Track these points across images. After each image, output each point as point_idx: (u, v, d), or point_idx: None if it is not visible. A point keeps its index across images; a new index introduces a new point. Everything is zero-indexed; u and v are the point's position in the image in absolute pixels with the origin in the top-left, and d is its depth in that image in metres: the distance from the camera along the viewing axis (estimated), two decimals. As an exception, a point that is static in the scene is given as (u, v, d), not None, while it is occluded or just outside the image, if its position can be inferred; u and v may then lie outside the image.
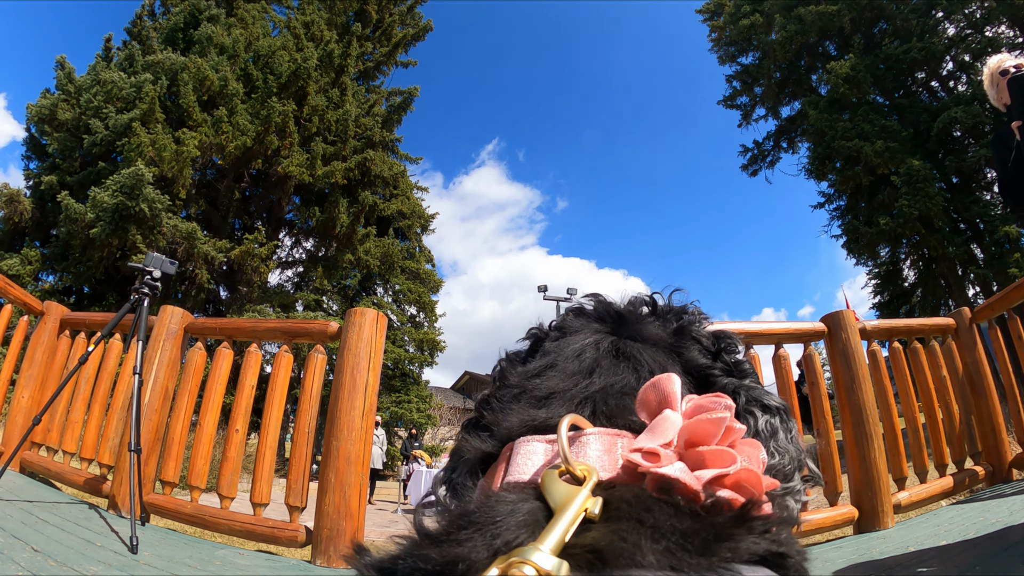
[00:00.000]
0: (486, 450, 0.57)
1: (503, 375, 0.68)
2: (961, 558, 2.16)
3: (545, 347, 0.69)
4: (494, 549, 0.38)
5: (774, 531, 0.39)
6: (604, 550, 0.36)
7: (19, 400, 4.33)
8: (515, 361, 0.71)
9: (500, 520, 0.40)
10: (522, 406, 0.58)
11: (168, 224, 15.70)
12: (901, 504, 3.39)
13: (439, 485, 0.61)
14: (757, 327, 3.71)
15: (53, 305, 4.68)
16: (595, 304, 0.74)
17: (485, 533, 0.39)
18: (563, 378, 0.60)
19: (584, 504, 0.39)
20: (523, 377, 0.64)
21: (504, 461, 0.50)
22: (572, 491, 0.41)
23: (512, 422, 0.56)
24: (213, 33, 18.69)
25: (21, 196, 16.70)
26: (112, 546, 2.68)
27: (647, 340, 0.65)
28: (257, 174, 19.51)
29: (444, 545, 0.40)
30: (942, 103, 17.44)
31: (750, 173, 23.99)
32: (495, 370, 0.72)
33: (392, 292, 23.14)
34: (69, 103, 16.96)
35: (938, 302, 17.66)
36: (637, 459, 0.44)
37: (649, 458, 0.43)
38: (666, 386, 0.48)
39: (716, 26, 24.07)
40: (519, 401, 0.60)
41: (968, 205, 16.36)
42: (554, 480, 0.43)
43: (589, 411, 0.55)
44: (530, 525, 0.40)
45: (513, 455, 0.49)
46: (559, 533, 0.36)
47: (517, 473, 0.47)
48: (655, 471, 0.42)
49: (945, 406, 3.94)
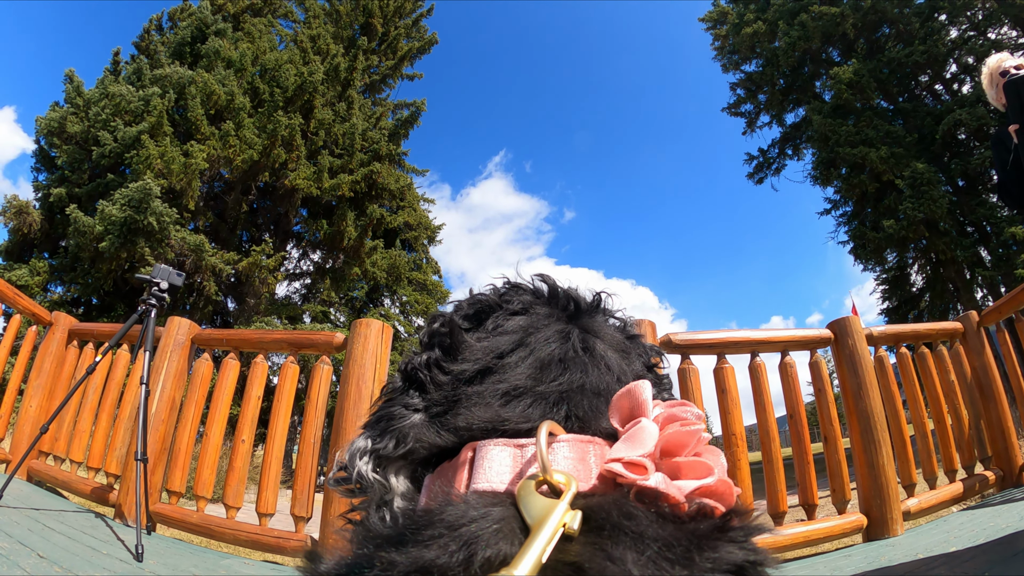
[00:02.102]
0: (441, 445, 0.52)
1: (455, 342, 0.60)
2: (971, 564, 2.14)
3: (502, 324, 0.61)
4: (468, 555, 0.36)
5: (751, 540, 0.40)
6: (587, 567, 0.35)
7: (27, 409, 4.35)
8: (464, 329, 0.62)
9: (472, 525, 0.38)
10: (487, 400, 0.53)
11: (176, 236, 15.80)
12: (911, 511, 3.36)
13: (361, 457, 0.54)
14: (763, 335, 3.70)
15: (61, 316, 4.72)
16: (551, 287, 0.67)
17: (456, 538, 0.37)
18: (533, 372, 0.56)
19: (562, 519, 0.37)
20: (485, 354, 0.58)
21: (466, 465, 0.48)
22: (550, 505, 0.39)
23: (475, 419, 0.52)
24: (220, 47, 18.87)
25: (30, 208, 16.85)
26: (117, 554, 2.69)
27: (607, 339, 0.62)
28: (264, 187, 19.61)
29: (410, 548, 0.37)
30: (946, 106, 17.39)
31: (756, 181, 23.95)
32: (436, 329, 0.61)
33: (399, 303, 23.18)
34: (78, 116, 17.13)
35: (946, 306, 17.54)
36: (620, 470, 0.43)
37: (633, 469, 0.43)
38: (640, 394, 0.48)
39: (719, 34, 24.10)
40: (480, 387, 0.55)
41: (974, 207, 16.27)
42: (531, 492, 0.41)
43: (563, 413, 0.52)
44: (507, 536, 0.38)
45: (479, 459, 0.47)
46: (537, 552, 0.34)
47: (485, 480, 0.45)
48: (641, 484, 0.42)
49: (954, 411, 3.91)
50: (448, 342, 0.60)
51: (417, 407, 0.56)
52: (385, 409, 0.57)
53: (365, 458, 0.54)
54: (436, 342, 0.60)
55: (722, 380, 3.45)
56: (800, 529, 3.13)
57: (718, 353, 3.49)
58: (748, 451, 3.38)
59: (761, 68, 22.51)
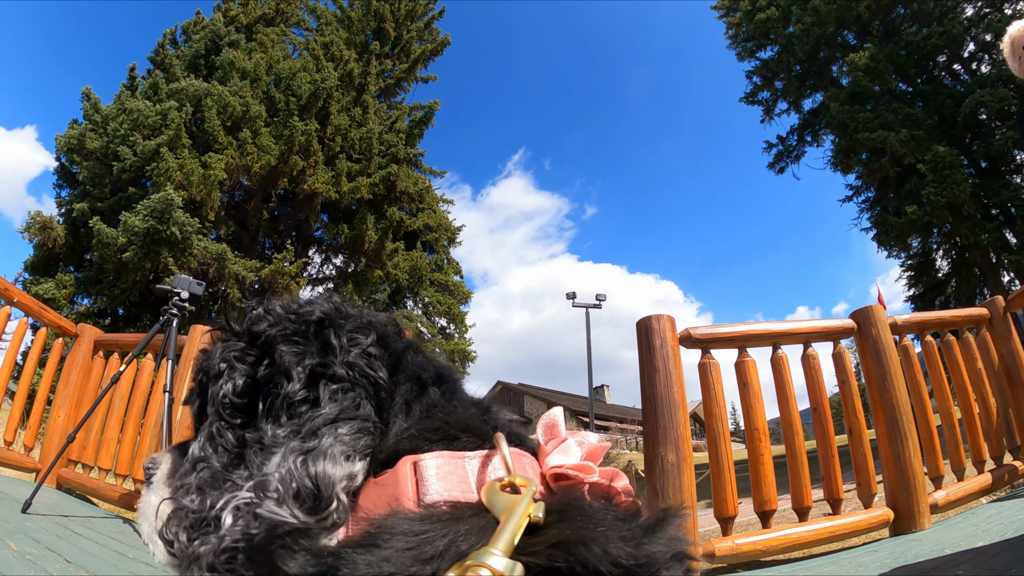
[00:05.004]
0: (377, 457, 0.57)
1: (355, 337, 0.65)
2: (997, 560, 2.09)
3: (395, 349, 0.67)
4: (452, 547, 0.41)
5: (682, 530, 0.49)
6: (569, 543, 0.41)
7: (55, 419, 4.45)
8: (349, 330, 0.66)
9: (454, 527, 0.43)
10: (424, 416, 0.61)
11: (199, 246, 16.05)
12: (938, 504, 3.28)
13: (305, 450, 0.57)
14: (784, 327, 3.64)
15: (87, 327, 4.81)
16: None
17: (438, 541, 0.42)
18: (462, 407, 0.64)
19: (528, 510, 0.43)
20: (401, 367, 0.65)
21: (407, 478, 0.51)
22: (515, 499, 0.45)
23: (412, 435, 0.58)
24: (234, 58, 19.12)
25: (54, 223, 17.23)
26: (144, 558, 2.73)
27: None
28: (284, 194, 19.85)
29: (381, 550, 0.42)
30: (966, 87, 17.02)
31: (777, 170, 23.63)
32: (336, 321, 0.66)
33: (422, 305, 23.31)
34: (97, 132, 17.47)
35: (973, 291, 17.18)
36: (570, 472, 0.54)
37: (582, 470, 0.54)
38: (559, 418, 0.60)
39: (732, 22, 23.84)
40: (402, 396, 0.63)
41: (998, 190, 15.91)
42: (495, 492, 0.46)
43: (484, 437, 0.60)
44: (483, 530, 0.43)
45: (424, 471, 0.51)
46: (508, 536, 0.39)
47: (440, 491, 0.50)
48: (591, 481, 0.53)
49: (981, 400, 3.82)
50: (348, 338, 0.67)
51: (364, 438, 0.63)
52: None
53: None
54: (333, 322, 0.68)
55: (744, 374, 3.39)
56: (825, 524, 3.08)
57: (739, 347, 3.43)
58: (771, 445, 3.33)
59: (776, 55, 22.20)
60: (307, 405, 0.59)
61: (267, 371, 0.62)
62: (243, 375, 0.64)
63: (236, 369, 0.64)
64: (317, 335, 0.64)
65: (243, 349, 0.65)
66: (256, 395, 0.62)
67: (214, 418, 0.62)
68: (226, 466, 0.59)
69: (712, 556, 2.80)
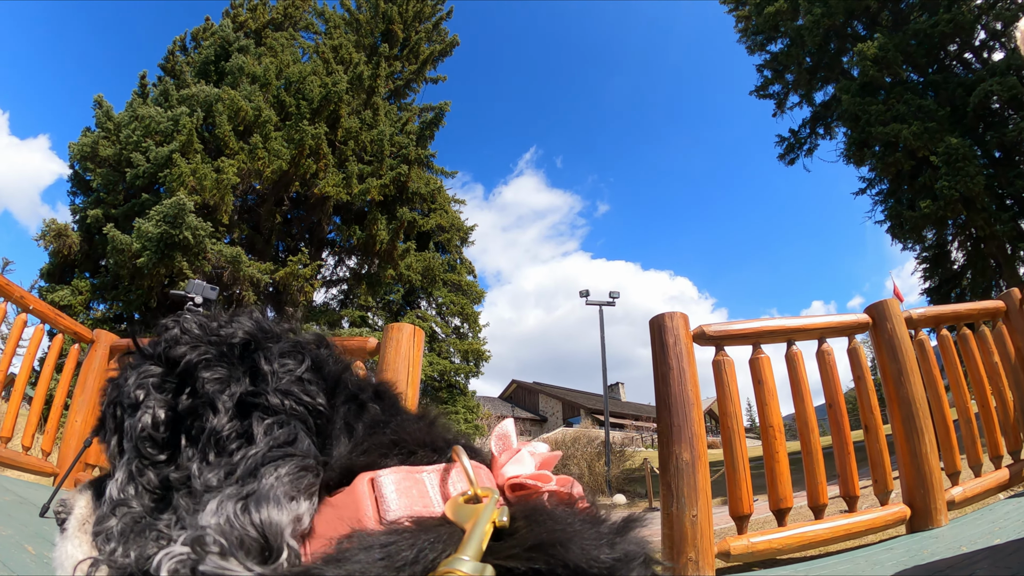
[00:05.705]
0: (326, 480, 0.55)
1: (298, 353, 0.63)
2: (1013, 558, 2.06)
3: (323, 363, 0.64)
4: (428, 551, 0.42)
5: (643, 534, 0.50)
6: (546, 544, 0.42)
7: (72, 424, 4.51)
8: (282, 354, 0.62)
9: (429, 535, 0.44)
10: (377, 434, 0.60)
11: (213, 250, 16.18)
12: (955, 500, 3.24)
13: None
14: (798, 322, 3.60)
15: (102, 333, 4.87)
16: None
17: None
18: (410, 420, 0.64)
19: (492, 516, 0.44)
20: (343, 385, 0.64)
21: (365, 496, 0.50)
22: (478, 507, 0.46)
23: (365, 450, 0.57)
24: (244, 63, 19.25)
25: (69, 231, 17.43)
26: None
27: None
28: (297, 197, 19.96)
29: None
30: (977, 75, 16.75)
31: (788, 162, 23.45)
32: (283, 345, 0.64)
33: (435, 305, 23.41)
34: (109, 139, 17.66)
35: (989, 283, 16.95)
36: (527, 480, 0.56)
37: (539, 479, 0.56)
38: (511, 429, 0.62)
39: (741, 16, 23.66)
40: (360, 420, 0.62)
41: (1012, 180, 15.67)
42: (458, 504, 0.47)
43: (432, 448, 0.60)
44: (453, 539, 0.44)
45: (383, 488, 0.50)
46: (476, 542, 0.40)
47: (402, 507, 0.49)
48: (551, 488, 0.56)
49: (998, 394, 3.76)
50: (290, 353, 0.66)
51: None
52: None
53: None
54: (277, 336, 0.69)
55: (758, 371, 3.35)
56: (841, 522, 3.05)
57: (753, 343, 3.39)
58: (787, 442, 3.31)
59: (786, 47, 22.02)
60: (239, 441, 0.53)
61: (189, 401, 0.57)
62: (163, 405, 0.58)
63: (155, 399, 0.58)
64: (243, 359, 0.59)
65: (161, 376, 0.59)
66: (178, 428, 0.57)
67: (132, 455, 0.56)
68: (150, 510, 0.54)
69: (727, 555, 2.79)
